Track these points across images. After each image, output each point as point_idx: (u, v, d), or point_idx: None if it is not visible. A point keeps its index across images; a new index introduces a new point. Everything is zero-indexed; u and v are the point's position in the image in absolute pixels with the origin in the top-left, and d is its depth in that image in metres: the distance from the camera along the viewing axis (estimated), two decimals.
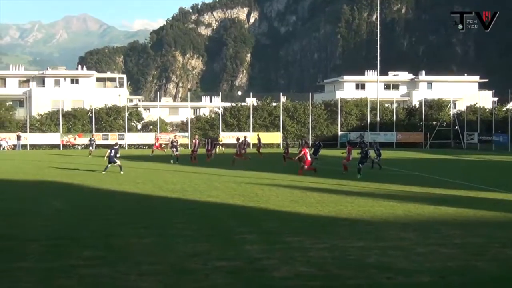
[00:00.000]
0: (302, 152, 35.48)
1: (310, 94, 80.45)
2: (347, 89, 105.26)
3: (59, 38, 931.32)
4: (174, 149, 46.50)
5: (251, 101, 79.42)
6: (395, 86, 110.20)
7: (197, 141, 47.64)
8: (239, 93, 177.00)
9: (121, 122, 73.34)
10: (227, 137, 71.18)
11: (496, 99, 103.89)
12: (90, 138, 61.93)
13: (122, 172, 34.58)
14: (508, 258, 13.55)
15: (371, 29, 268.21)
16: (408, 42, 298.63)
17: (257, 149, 55.54)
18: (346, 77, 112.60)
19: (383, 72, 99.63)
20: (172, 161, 44.58)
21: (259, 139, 58.16)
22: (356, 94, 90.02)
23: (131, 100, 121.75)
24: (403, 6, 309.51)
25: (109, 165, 35.41)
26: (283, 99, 79.85)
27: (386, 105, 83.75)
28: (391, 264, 12.69)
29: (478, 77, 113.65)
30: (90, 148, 59.03)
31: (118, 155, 35.92)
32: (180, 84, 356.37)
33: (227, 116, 75.20)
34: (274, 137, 72.57)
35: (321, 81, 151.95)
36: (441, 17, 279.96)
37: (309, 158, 35.20)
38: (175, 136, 57.11)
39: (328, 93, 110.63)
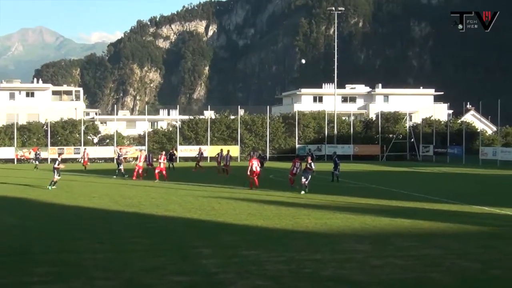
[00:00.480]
0: (250, 164, 34.47)
1: (268, 107, 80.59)
2: (305, 102, 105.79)
3: (15, 51, 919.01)
4: (118, 164, 45.36)
5: (209, 114, 79.32)
6: (352, 99, 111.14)
7: (142, 155, 44.97)
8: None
9: (77, 135, 72.52)
10: (186, 150, 70.91)
11: (451, 111, 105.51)
12: (36, 152, 60.87)
13: (49, 188, 33.13)
14: (462, 269, 13.70)
15: (329, 42, 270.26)
16: (365, 55, 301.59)
17: (197, 161, 55.48)
18: (304, 90, 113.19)
19: (341, 85, 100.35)
20: (115, 176, 43.75)
21: (201, 153, 58.30)
22: (314, 107, 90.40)
23: (87, 114, 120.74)
24: (360, 20, 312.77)
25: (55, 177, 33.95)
26: (241, 112, 79.91)
27: (343, 117, 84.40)
28: (347, 277, 12.73)
29: (433, 90, 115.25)
30: (36, 162, 58.28)
31: (55, 165, 34.01)
32: (138, 97, 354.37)
33: (185, 129, 74.89)
34: (232, 150, 72.31)
35: (279, 94, 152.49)
36: (398, 30, 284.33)
37: (253, 169, 33.64)
38: (120, 149, 55.73)
39: (286, 106, 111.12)
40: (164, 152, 45.29)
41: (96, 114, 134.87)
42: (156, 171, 40.74)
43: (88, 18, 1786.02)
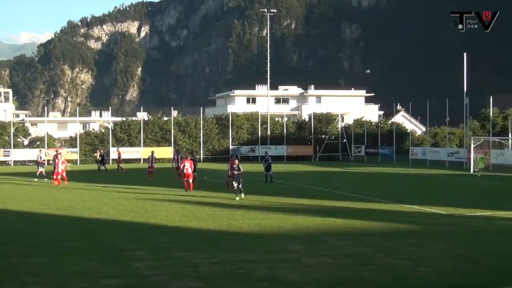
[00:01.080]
0: (182, 165, 33.98)
1: (201, 108, 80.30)
2: (238, 104, 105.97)
3: None
4: (39, 166, 43.44)
5: (141, 115, 78.56)
6: (285, 100, 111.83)
7: (61, 158, 40.36)
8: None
9: (7, 138, 70.87)
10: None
11: (381, 112, 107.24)
12: None
13: None
14: (393, 267, 13.95)
15: (262, 44, 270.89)
16: (298, 57, 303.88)
17: (118, 163, 55.13)
18: (237, 92, 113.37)
19: (274, 87, 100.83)
20: (36, 179, 42.13)
21: (119, 154, 58.03)
22: (247, 108, 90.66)
23: (17, 115, 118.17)
24: (293, 22, 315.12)
25: None
26: (174, 113, 79.46)
27: (277, 119, 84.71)
28: (280, 277, 12.82)
29: (364, 91, 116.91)
30: None
31: None
32: (69, 99, 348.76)
33: (118, 131, 74.02)
34: (165, 152, 71.86)
35: (212, 95, 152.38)
36: (330, 32, 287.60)
37: (185, 171, 32.90)
38: (40, 151, 53.46)
39: (220, 107, 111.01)
40: (61, 154, 43.28)
41: (26, 115, 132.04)
42: (58, 176, 38.38)
43: (17, 18, 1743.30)
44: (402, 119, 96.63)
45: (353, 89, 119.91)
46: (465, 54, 60.20)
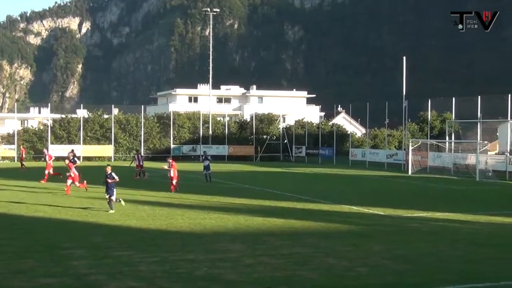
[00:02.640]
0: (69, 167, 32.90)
1: (142, 106, 79.61)
2: (180, 102, 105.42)
3: None
4: None
5: (82, 113, 77.43)
6: (227, 100, 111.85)
7: None
8: None
9: None
10: (57, 150, 69.03)
11: (322, 114, 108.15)
12: None
13: None
14: (330, 266, 14.12)
15: (204, 43, 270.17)
16: (240, 57, 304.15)
17: (21, 160, 54.31)
18: (179, 90, 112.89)
19: (216, 86, 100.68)
20: None
21: (22, 152, 57.17)
22: (189, 108, 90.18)
23: None
24: (236, 22, 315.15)
25: None
26: (115, 111, 78.49)
27: (218, 118, 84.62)
28: (220, 276, 12.85)
29: (306, 92, 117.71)
30: None
31: None
32: (7, 95, 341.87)
33: (57, 128, 72.80)
34: (105, 150, 71.17)
35: (154, 94, 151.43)
36: (272, 33, 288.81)
37: (73, 173, 31.75)
38: None
39: (161, 105, 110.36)
40: None
41: None
42: None
43: None
44: (343, 120, 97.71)
45: (294, 90, 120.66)
46: (404, 58, 61.24)
